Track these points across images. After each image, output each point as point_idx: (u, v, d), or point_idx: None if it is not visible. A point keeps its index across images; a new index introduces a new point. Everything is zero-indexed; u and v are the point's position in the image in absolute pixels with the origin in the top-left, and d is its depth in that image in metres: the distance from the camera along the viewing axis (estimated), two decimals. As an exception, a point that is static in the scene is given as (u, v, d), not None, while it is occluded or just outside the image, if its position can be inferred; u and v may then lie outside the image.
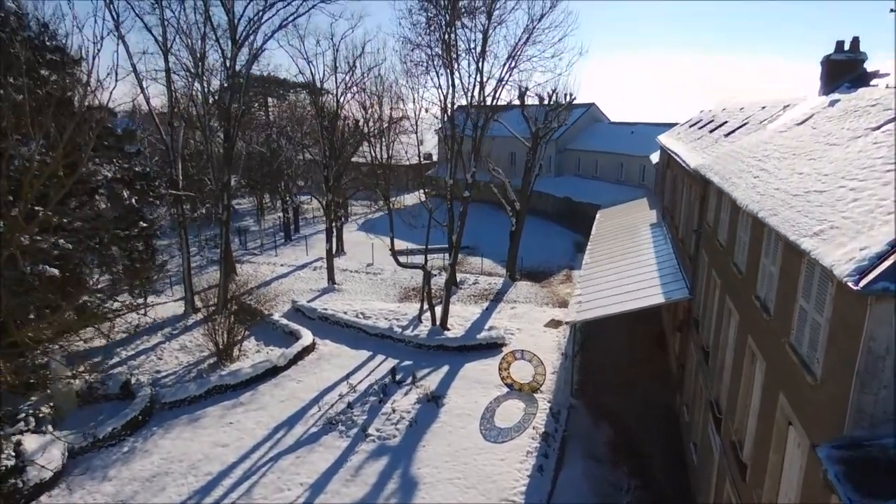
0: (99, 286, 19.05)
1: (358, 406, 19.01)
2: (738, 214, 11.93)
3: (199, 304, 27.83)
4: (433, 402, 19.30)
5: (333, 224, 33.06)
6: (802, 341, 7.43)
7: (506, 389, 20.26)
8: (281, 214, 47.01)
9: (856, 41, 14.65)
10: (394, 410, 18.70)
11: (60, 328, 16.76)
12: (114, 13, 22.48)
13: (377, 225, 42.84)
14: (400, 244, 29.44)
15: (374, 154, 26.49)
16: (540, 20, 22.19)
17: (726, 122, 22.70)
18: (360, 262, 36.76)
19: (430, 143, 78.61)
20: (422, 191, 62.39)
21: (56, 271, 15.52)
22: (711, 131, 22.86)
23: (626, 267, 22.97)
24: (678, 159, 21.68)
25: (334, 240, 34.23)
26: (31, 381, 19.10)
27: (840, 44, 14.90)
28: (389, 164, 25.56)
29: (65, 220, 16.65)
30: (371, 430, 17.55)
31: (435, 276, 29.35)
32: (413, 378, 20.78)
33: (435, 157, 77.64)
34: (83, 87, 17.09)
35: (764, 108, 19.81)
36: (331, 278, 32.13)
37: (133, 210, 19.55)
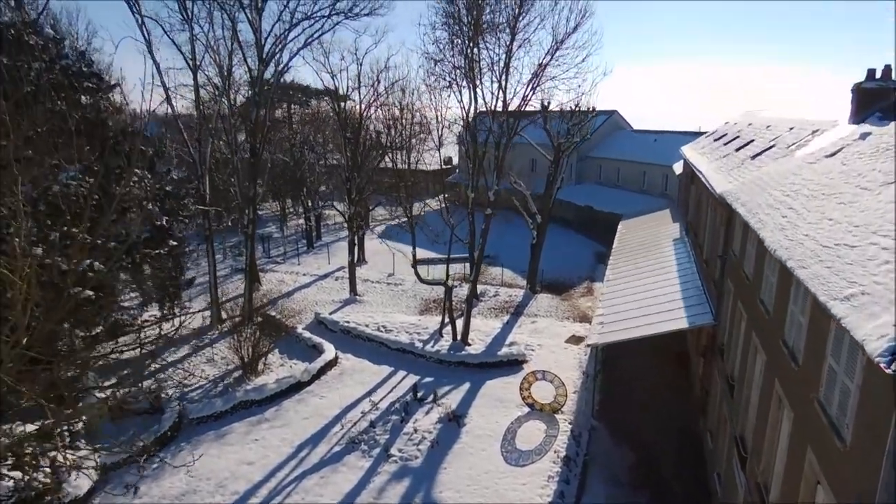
0: (130, 303, 19.56)
1: (380, 425, 19.24)
2: (766, 252, 11.84)
3: (224, 315, 28.36)
4: (454, 421, 19.44)
5: (355, 234, 33.36)
6: (832, 401, 7.41)
7: (527, 409, 20.33)
8: (303, 220, 47.62)
9: (887, 70, 14.41)
10: (416, 430, 18.90)
11: (93, 343, 17.33)
12: (145, 34, 23.10)
13: (398, 232, 43.15)
14: (421, 253, 29.66)
15: (395, 163, 26.77)
16: (564, 41, 22.10)
17: (752, 140, 22.44)
18: (381, 272, 37.07)
19: (451, 148, 78.69)
20: (442, 196, 62.47)
21: (91, 293, 16.00)
22: (737, 150, 22.63)
23: (648, 286, 22.84)
24: (703, 179, 21.49)
25: (356, 249, 34.53)
26: (65, 394, 19.75)
27: (871, 72, 14.66)
28: (412, 182, 25.76)
29: (99, 241, 17.14)
30: (393, 451, 17.76)
31: (455, 286, 29.53)
32: (434, 396, 20.95)
33: (455, 161, 77.84)
34: (118, 110, 17.57)
35: (792, 129, 19.56)
36: (353, 289, 32.47)
37: (163, 230, 20.07)
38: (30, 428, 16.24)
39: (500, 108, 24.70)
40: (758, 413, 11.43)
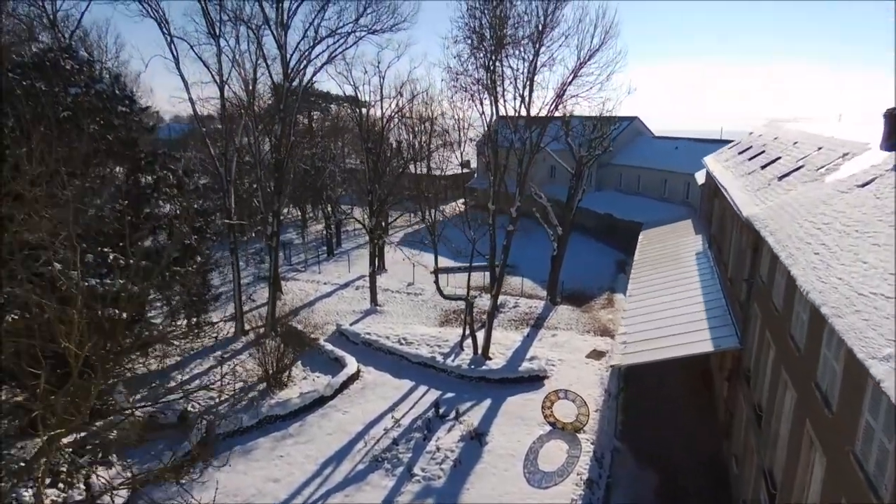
0: (158, 319, 20.00)
1: (403, 443, 19.41)
2: (796, 286, 11.74)
3: (247, 326, 28.76)
4: (476, 439, 19.54)
5: (376, 245, 33.59)
6: (869, 458, 7.36)
7: (549, 427, 20.34)
8: (323, 226, 48.06)
9: (923, 96, 14.15)
10: (438, 448, 19.03)
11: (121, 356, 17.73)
12: (174, 51, 23.56)
13: (418, 239, 43.32)
14: (442, 261, 29.79)
15: (416, 170, 26.85)
16: (587, 60, 22.04)
17: (779, 157, 22.17)
18: (401, 281, 37.28)
19: (470, 149, 78.70)
20: (464, 210, 62.77)
21: (125, 315, 16.40)
22: (763, 167, 22.37)
23: (671, 302, 22.69)
24: (728, 197, 21.28)
25: (376, 258, 34.74)
26: (97, 406, 20.25)
27: (905, 98, 14.42)
28: (432, 195, 25.92)
29: (131, 261, 17.55)
30: (416, 470, 17.91)
31: (476, 297, 29.62)
32: (456, 413, 21.07)
33: (473, 164, 77.79)
34: (149, 131, 17.95)
35: (820, 149, 19.30)
36: (373, 300, 32.72)
37: (192, 248, 20.47)
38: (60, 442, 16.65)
39: (523, 121, 24.69)
40: (788, 450, 11.34)
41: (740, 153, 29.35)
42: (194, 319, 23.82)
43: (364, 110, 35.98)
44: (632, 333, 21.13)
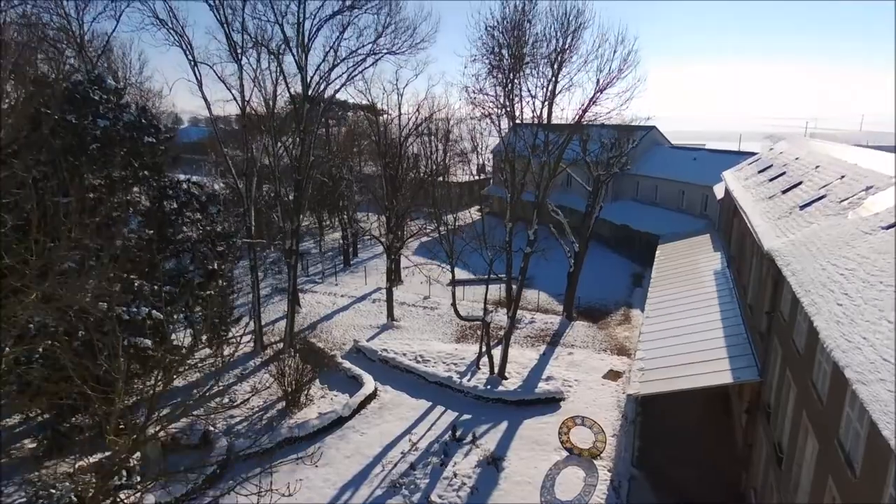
0: (182, 343, 20.40)
1: (420, 467, 19.58)
2: (818, 334, 11.68)
3: (266, 340, 29.13)
4: (493, 465, 19.66)
5: (392, 261, 33.80)
6: (893, 533, 7.36)
7: (565, 453, 20.39)
8: (340, 234, 48.41)
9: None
10: (455, 474, 19.17)
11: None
12: (197, 74, 23.99)
13: (434, 245, 43.46)
14: (459, 273, 29.91)
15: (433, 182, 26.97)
16: (607, 87, 22.02)
17: (800, 183, 21.97)
18: (416, 294, 37.48)
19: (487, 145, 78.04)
20: (476, 208, 62.27)
21: (149, 342, 16.80)
22: (784, 191, 22.20)
23: (689, 326, 22.59)
24: (748, 222, 21.15)
25: (392, 274, 34.94)
26: (122, 427, 20.71)
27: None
28: (453, 229, 26.14)
29: (155, 287, 17.94)
30: (434, 497, 18.07)
31: (492, 312, 29.70)
32: (473, 436, 21.20)
33: (489, 168, 77.74)
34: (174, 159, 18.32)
35: (843, 177, 19.11)
36: (390, 314, 32.95)
37: (215, 273, 20.84)
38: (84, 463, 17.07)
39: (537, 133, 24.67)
40: (809, 500, 11.30)
41: (760, 171, 29.09)
42: (216, 342, 24.15)
43: (381, 119, 36.33)
44: (648, 359, 21.08)
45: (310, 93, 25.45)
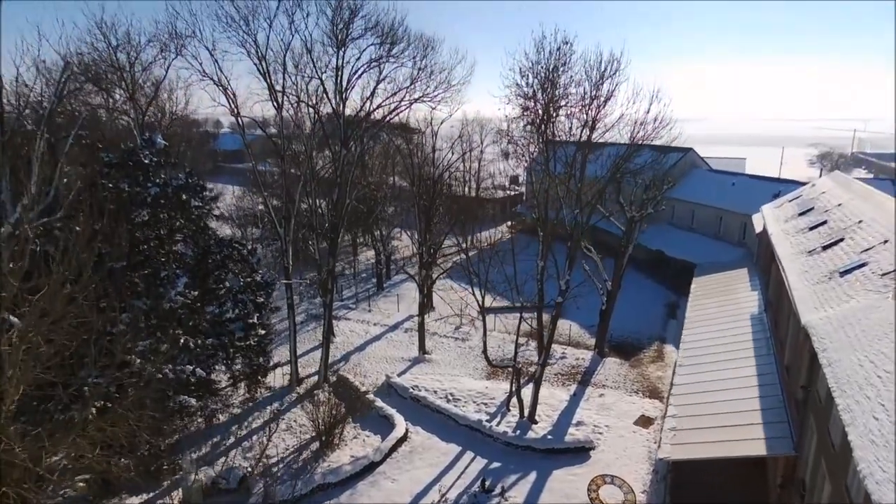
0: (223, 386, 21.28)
1: (449, 521, 19.95)
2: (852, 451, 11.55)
3: (300, 372, 29.95)
4: (522, 521, 19.87)
5: (424, 296, 34.23)
6: None
7: (594, 510, 20.45)
8: (373, 253, 49.14)
9: None
10: (484, 531, 19.47)
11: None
12: (240, 123, 24.92)
13: (465, 276, 43.88)
14: (490, 299, 30.12)
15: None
16: (641, 145, 21.93)
17: (842, 239, 21.47)
18: (449, 324, 37.87)
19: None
20: (508, 224, 62.10)
21: (193, 401, 17.64)
22: (824, 248, 21.74)
23: (724, 383, 22.28)
24: (785, 281, 20.80)
25: (425, 308, 35.35)
26: (165, 466, 21.77)
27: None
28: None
29: (199, 342, 18.79)
30: (462, 555, 18.42)
31: (521, 356, 29.89)
32: (502, 489, 21.42)
33: (521, 178, 77.49)
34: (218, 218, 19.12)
35: (886, 242, 18.66)
36: (421, 347, 33.42)
37: (254, 325, 21.69)
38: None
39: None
40: None
41: (801, 214, 28.44)
42: (253, 388, 25.03)
43: (415, 139, 36.83)
44: (680, 416, 20.95)
45: (346, 140, 26.12)
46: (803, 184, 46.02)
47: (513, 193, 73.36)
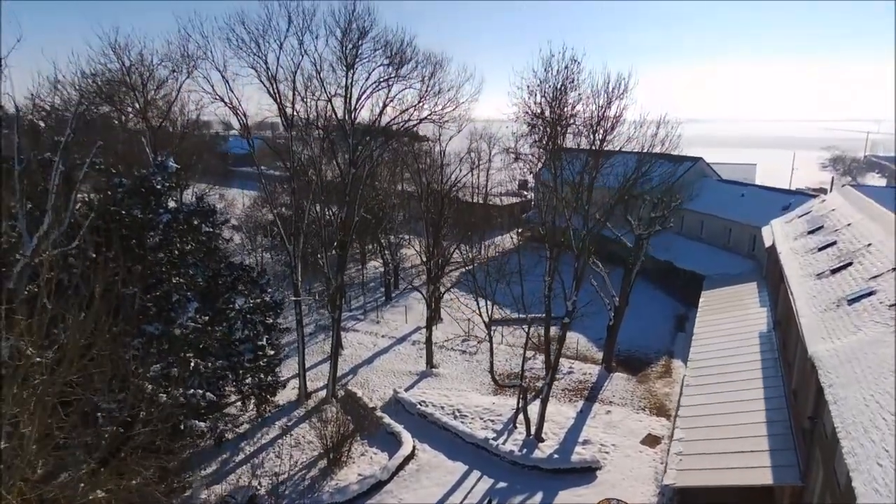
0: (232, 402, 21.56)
1: (455, 545, 20.11)
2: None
3: (309, 386, 30.21)
4: (527, 544, 19.99)
5: (433, 311, 34.38)
6: None
7: (599, 533, 20.54)
8: (381, 262, 49.41)
9: None
10: (489, 554, 19.61)
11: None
12: (251, 143, 25.21)
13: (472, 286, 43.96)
14: (497, 311, 30.19)
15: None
16: (649, 170, 21.99)
17: (851, 263, 21.37)
18: (456, 335, 37.99)
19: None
20: (516, 232, 62.05)
21: (203, 425, 17.93)
22: (833, 271, 21.65)
23: (731, 405, 22.28)
24: (793, 306, 20.76)
25: (433, 323, 35.48)
26: (175, 484, 22.09)
27: None
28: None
29: (209, 364, 19.09)
30: (468, 580, 18.57)
31: (530, 358, 29.90)
32: (508, 511, 21.59)
33: (530, 182, 77.35)
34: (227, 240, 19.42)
35: (894, 269, 18.56)
36: (429, 361, 33.60)
37: (263, 348, 21.98)
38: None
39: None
40: None
41: (810, 232, 28.29)
42: (262, 407, 25.33)
43: (423, 147, 36.92)
44: (687, 441, 20.97)
45: (356, 161, 26.37)
46: (814, 194, 45.77)
47: (520, 200, 73.17)
